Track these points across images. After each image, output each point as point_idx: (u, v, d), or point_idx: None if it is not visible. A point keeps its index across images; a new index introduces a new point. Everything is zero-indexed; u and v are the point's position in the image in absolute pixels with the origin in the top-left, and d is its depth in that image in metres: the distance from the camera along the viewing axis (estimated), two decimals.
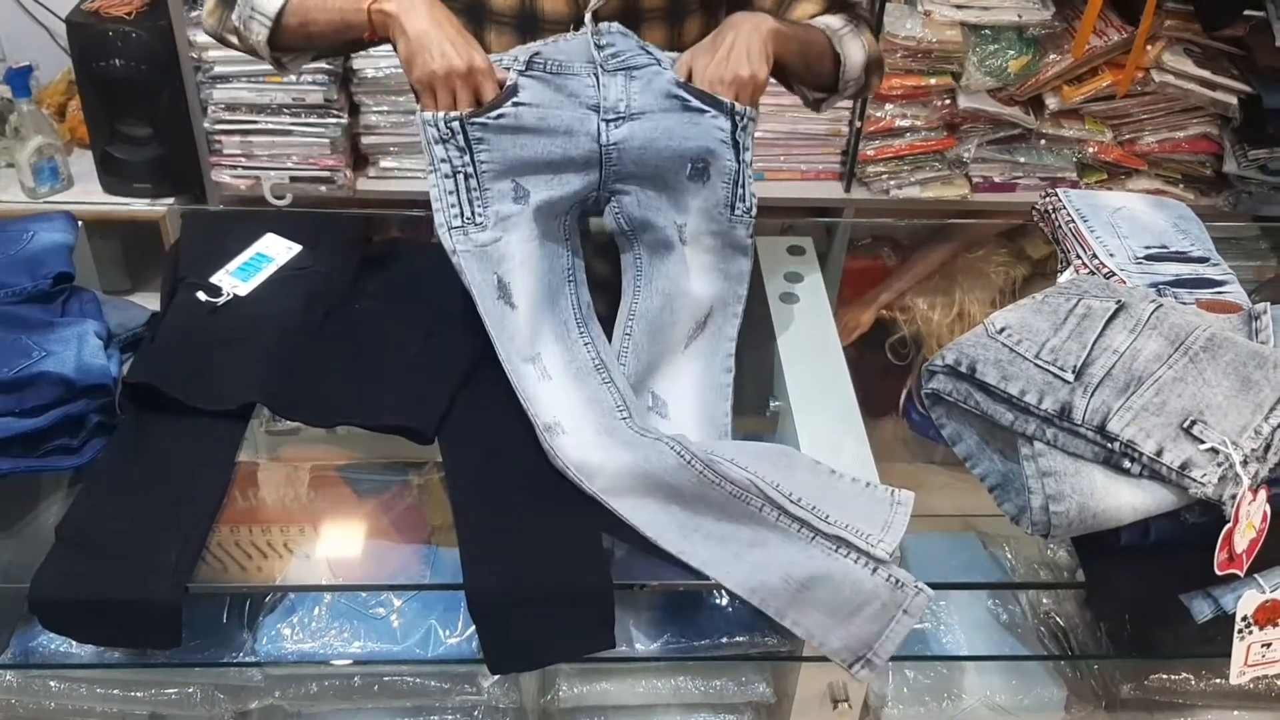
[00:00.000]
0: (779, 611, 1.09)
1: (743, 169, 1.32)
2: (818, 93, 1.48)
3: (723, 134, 1.30)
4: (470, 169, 1.27)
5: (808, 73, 1.43)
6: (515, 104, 1.27)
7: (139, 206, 2.65)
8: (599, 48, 1.31)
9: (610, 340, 1.33)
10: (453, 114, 1.24)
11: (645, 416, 1.26)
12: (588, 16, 1.34)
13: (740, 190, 1.32)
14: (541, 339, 1.28)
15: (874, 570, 1.08)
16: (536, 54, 1.29)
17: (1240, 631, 1.14)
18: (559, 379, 1.26)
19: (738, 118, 1.29)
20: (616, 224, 1.36)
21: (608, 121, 1.30)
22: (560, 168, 1.31)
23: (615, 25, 1.35)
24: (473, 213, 1.28)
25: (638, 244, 1.37)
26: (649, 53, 1.34)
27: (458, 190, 1.27)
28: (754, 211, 1.33)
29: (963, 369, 1.18)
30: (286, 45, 1.38)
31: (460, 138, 1.26)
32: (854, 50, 1.43)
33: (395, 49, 1.28)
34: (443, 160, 1.27)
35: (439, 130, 1.25)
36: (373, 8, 1.27)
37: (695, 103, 1.30)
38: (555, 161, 1.30)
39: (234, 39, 1.42)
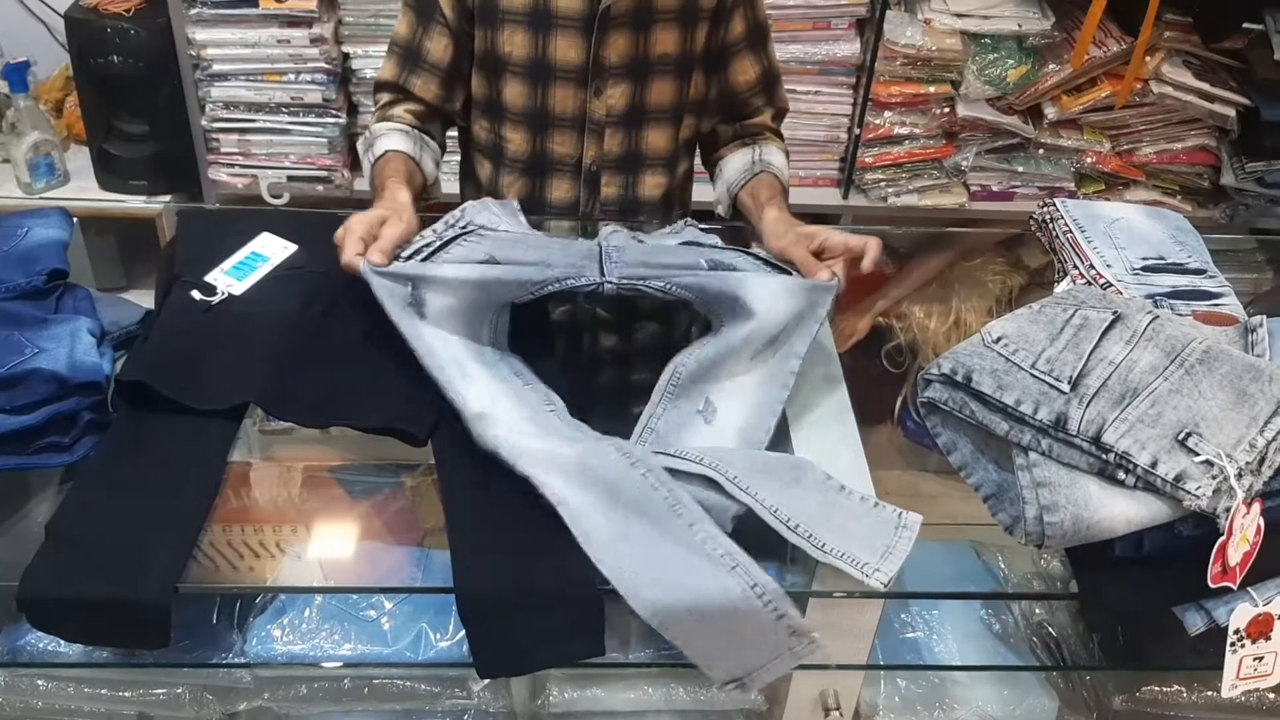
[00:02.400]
0: (674, 636, 1.09)
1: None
2: None
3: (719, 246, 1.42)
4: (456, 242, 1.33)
5: None
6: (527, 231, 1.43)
7: (135, 204, 2.65)
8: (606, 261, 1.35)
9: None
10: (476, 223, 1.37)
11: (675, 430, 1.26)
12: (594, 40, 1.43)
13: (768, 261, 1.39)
14: (459, 349, 1.28)
15: (779, 617, 1.08)
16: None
17: (1232, 644, 1.13)
18: (479, 378, 1.25)
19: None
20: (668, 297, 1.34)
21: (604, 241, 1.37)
22: (549, 254, 1.33)
23: (610, 227, 1.44)
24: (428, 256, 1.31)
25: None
26: (640, 241, 1.44)
27: (422, 247, 1.31)
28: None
29: (959, 378, 1.18)
30: None
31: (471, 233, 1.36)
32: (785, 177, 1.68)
33: None
34: (434, 232, 1.35)
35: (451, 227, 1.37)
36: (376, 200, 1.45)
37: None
38: (547, 248, 1.34)
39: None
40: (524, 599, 1.09)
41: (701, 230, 1.52)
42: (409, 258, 1.30)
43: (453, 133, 1.71)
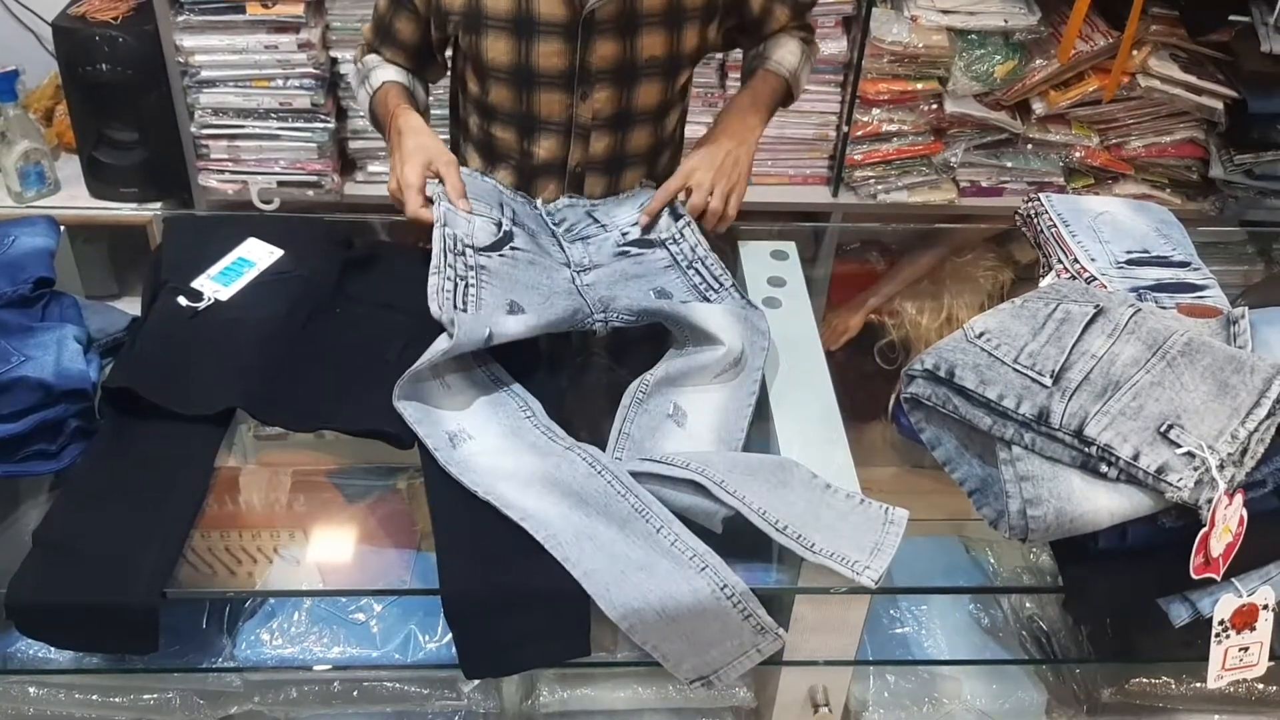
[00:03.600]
0: (642, 639, 1.10)
1: (696, 263, 1.46)
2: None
3: (665, 261, 1.48)
4: (470, 280, 1.34)
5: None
6: (512, 248, 1.42)
7: (126, 211, 2.65)
8: (555, 224, 1.54)
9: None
10: (465, 240, 1.38)
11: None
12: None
13: (706, 276, 1.45)
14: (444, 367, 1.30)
15: (745, 615, 1.10)
16: (515, 216, 1.49)
17: (1217, 635, 1.14)
18: (458, 388, 1.28)
19: (676, 232, 1.50)
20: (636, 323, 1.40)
21: (577, 272, 1.46)
22: (548, 294, 1.39)
23: (563, 200, 1.59)
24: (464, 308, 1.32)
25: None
26: (595, 219, 1.56)
27: (454, 295, 1.31)
28: (727, 281, 1.44)
29: (941, 373, 1.18)
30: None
31: (468, 257, 1.37)
32: (804, 76, 1.71)
33: None
34: (449, 265, 1.34)
35: (452, 244, 1.37)
36: (391, 127, 1.54)
37: (634, 251, 1.50)
38: (543, 289, 1.40)
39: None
40: (509, 599, 1.10)
41: (652, 187, 1.59)
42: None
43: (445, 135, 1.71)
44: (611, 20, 1.50)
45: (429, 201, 1.42)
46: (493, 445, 1.22)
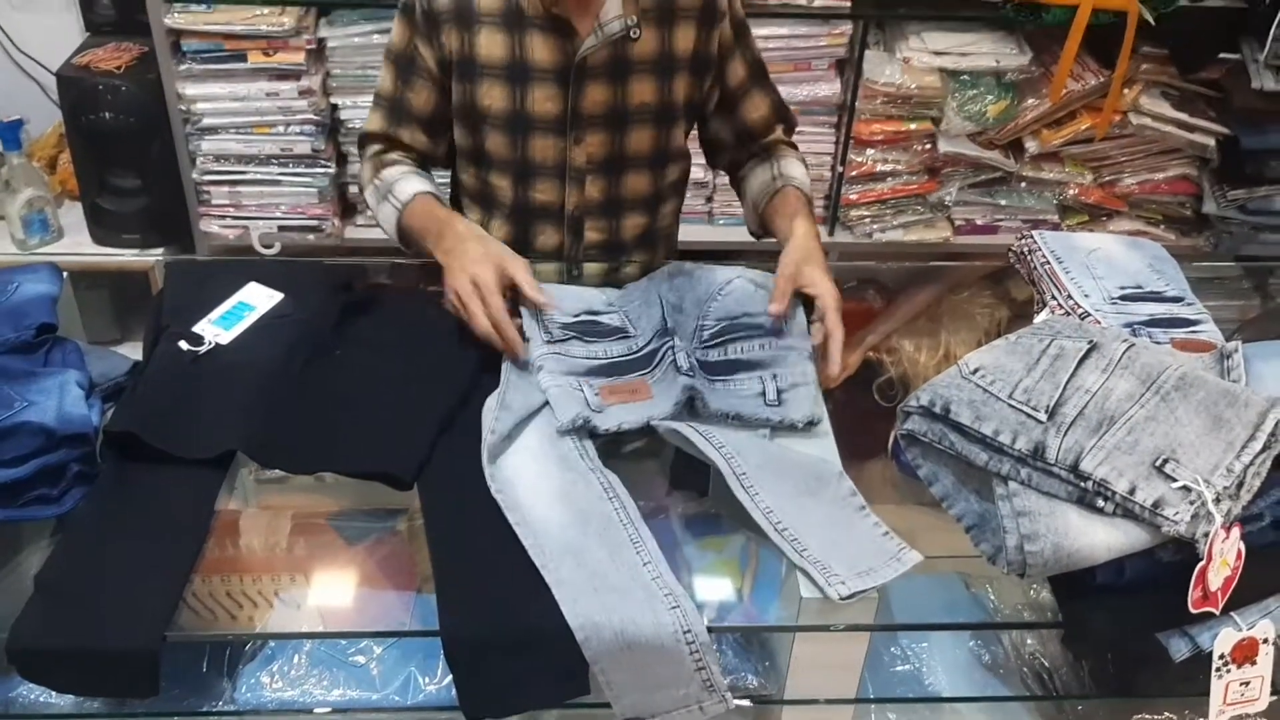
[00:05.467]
0: (594, 656, 1.09)
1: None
2: None
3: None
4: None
5: None
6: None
7: (128, 257, 2.67)
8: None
9: None
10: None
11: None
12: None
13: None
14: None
15: (699, 667, 1.09)
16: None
17: (1218, 670, 1.14)
18: (514, 406, 1.30)
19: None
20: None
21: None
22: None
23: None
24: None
25: None
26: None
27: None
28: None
29: (937, 409, 1.19)
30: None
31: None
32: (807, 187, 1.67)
33: None
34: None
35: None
36: (447, 232, 1.47)
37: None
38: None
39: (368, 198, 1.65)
40: (510, 640, 1.10)
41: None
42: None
43: (443, 178, 1.73)
44: (602, 67, 1.53)
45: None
46: (528, 444, 1.24)
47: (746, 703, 1.27)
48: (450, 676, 1.28)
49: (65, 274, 1.48)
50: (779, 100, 1.72)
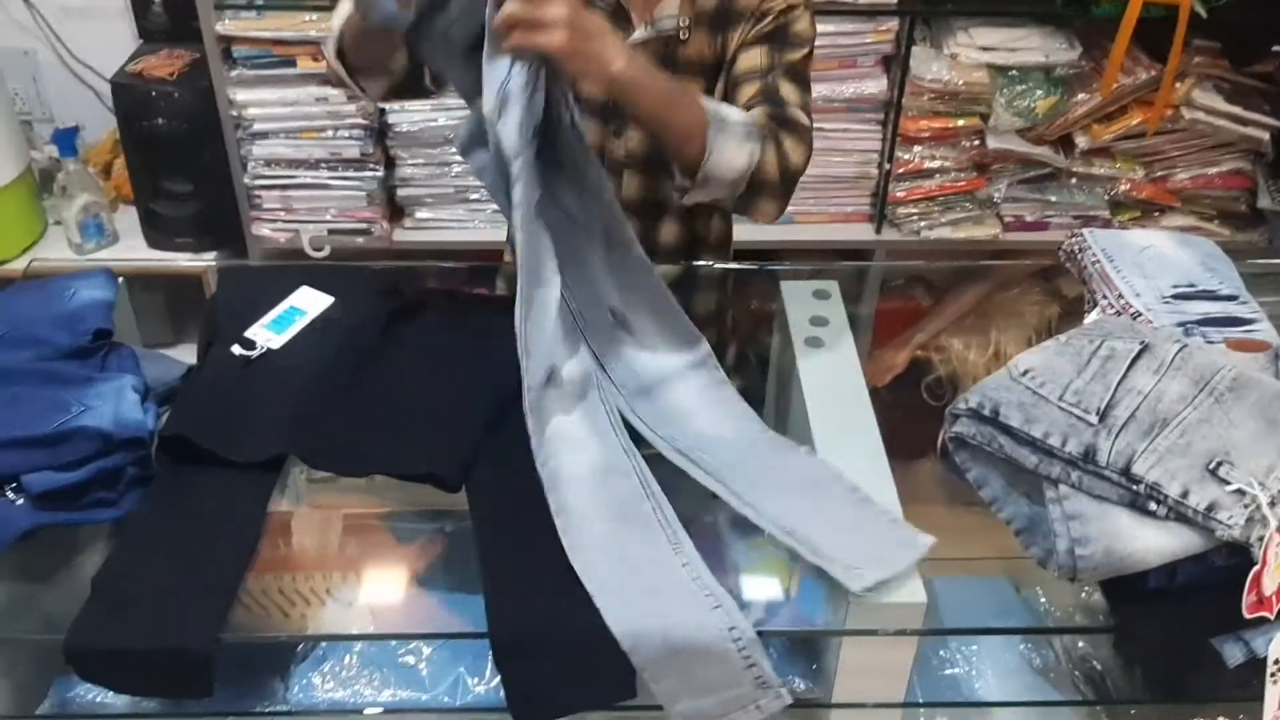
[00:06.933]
0: (641, 664, 1.08)
1: None
2: (681, 176, 1.40)
3: None
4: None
5: (670, 135, 1.36)
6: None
7: (182, 261, 2.72)
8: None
9: None
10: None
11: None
12: None
13: None
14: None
15: (749, 665, 1.08)
16: None
17: (1273, 675, 1.12)
18: (569, 329, 1.31)
19: None
20: None
21: None
22: None
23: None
24: None
25: None
26: None
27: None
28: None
29: (986, 412, 1.18)
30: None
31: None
32: (730, 152, 1.34)
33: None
34: None
35: None
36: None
37: None
38: None
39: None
40: (558, 642, 1.11)
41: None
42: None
43: None
44: (651, 60, 1.52)
45: None
46: (571, 405, 1.24)
47: (795, 706, 1.27)
48: (499, 678, 1.29)
49: (120, 279, 1.51)
50: (772, 92, 1.48)
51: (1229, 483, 1.08)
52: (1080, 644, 1.44)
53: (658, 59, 1.52)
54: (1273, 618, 1.08)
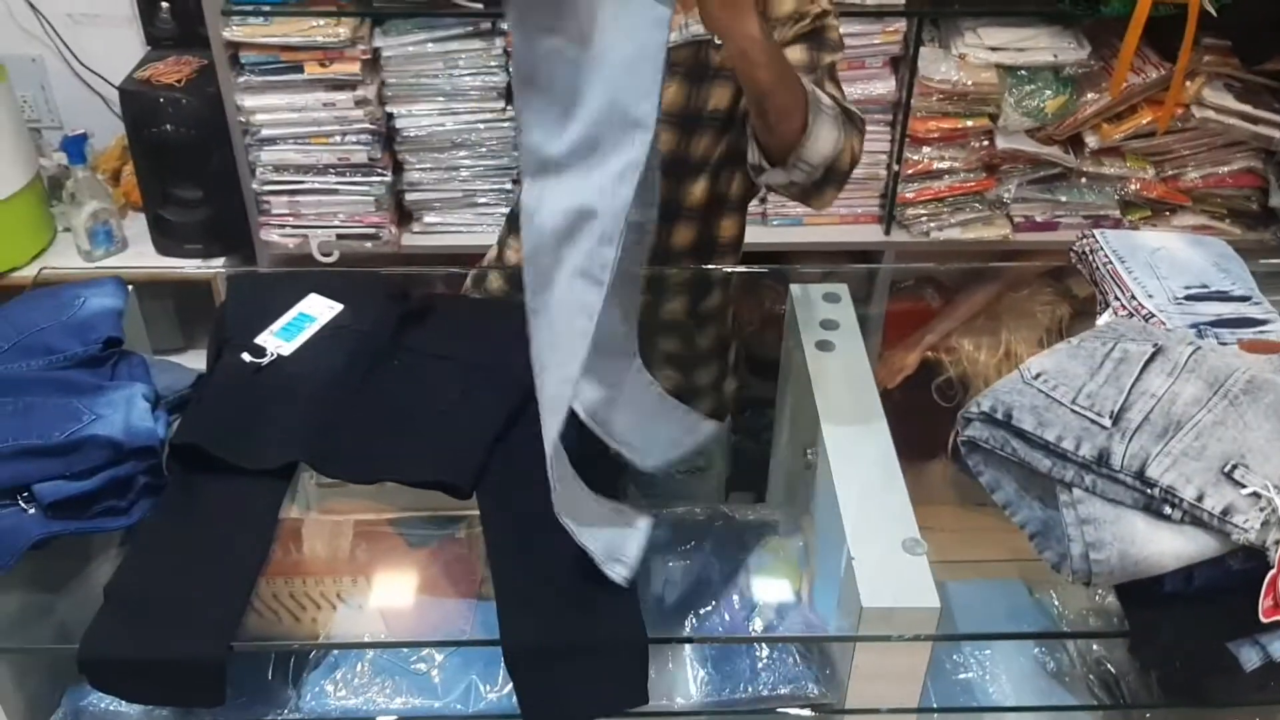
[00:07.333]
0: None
1: None
2: (772, 152, 1.40)
3: None
4: None
5: (775, 110, 1.34)
6: None
7: (191, 267, 2.72)
8: None
9: None
10: None
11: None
12: None
13: None
14: None
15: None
16: None
17: None
18: None
19: None
20: None
21: None
22: None
23: None
24: None
25: None
26: None
27: None
28: None
29: (999, 416, 1.17)
30: None
31: None
32: (824, 136, 1.36)
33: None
34: None
35: None
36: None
37: None
38: None
39: None
40: (570, 648, 1.10)
41: None
42: None
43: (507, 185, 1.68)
44: (682, 65, 1.51)
45: None
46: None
47: (808, 712, 1.27)
48: (511, 684, 1.29)
49: (130, 286, 1.51)
50: (834, 95, 1.48)
51: (1244, 486, 1.08)
52: (1095, 647, 1.43)
53: (689, 64, 1.51)
54: None
